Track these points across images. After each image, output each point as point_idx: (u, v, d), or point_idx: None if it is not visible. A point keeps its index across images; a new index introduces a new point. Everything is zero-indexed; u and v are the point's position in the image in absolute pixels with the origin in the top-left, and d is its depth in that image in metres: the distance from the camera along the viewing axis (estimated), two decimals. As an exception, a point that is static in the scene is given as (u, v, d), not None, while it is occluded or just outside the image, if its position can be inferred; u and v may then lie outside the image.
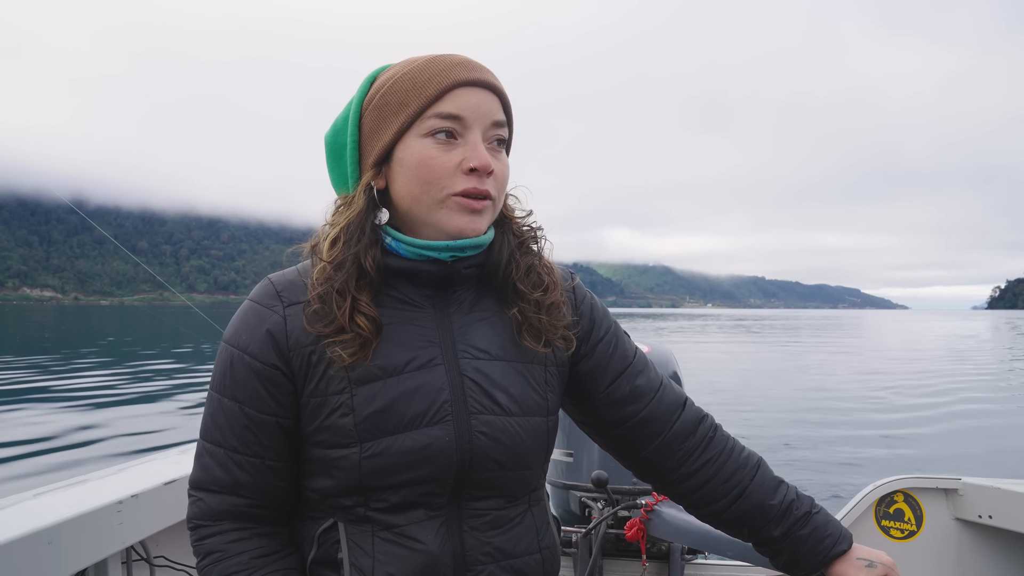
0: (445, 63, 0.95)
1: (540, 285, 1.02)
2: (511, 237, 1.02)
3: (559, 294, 1.04)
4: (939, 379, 19.18)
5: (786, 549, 1.07)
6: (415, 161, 0.93)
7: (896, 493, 2.18)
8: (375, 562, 0.93)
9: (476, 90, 0.94)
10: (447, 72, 0.94)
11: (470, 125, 0.93)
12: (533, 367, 1.01)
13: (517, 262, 1.01)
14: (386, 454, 0.91)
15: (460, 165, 0.93)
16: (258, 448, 0.95)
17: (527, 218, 1.06)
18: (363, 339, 0.92)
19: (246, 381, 0.95)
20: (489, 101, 0.95)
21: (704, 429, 1.10)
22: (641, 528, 2.05)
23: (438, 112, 0.92)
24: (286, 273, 1.01)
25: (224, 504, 0.96)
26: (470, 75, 0.94)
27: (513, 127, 1.01)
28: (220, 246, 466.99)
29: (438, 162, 0.92)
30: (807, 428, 11.39)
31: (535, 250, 1.05)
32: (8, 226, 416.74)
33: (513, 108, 1.01)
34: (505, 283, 1.01)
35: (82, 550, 1.38)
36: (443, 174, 0.93)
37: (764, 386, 17.33)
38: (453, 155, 0.93)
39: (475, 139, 0.94)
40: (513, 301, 1.01)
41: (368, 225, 0.95)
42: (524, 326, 1.00)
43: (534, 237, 1.05)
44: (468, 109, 0.93)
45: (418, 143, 0.93)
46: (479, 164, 0.92)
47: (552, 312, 1.02)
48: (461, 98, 0.93)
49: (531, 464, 1.00)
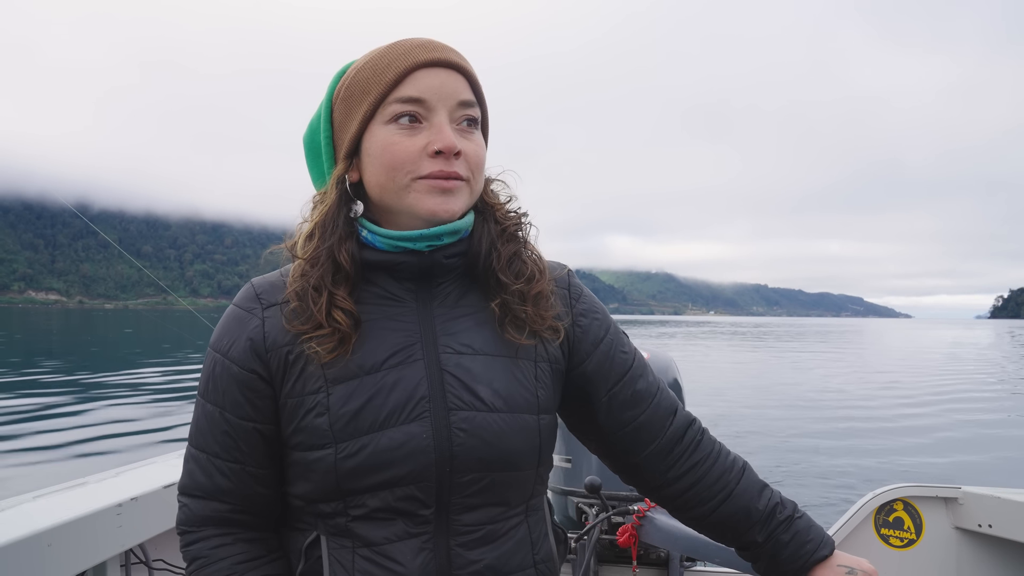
0: (404, 47, 0.92)
1: (523, 274, 0.98)
2: (492, 225, 0.99)
3: (546, 283, 1.00)
4: (939, 388, 19.16)
5: (767, 553, 1.05)
6: (379, 148, 0.91)
7: (896, 501, 2.17)
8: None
9: (437, 71, 0.91)
10: (405, 55, 0.91)
11: (434, 107, 0.91)
12: (522, 362, 0.98)
13: (499, 251, 0.97)
14: (361, 454, 0.89)
15: (425, 148, 0.90)
16: (238, 454, 0.94)
17: (511, 203, 1.02)
18: (341, 334, 0.90)
19: (227, 387, 0.94)
20: (453, 81, 0.92)
21: (692, 434, 1.08)
22: (633, 534, 2.05)
23: (399, 96, 0.90)
24: (269, 276, 1.00)
25: (207, 510, 0.95)
26: (430, 55, 0.91)
27: (486, 106, 0.98)
28: (224, 251, 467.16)
29: (402, 147, 0.90)
30: (806, 435, 11.37)
31: (519, 237, 1.01)
32: (14, 229, 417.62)
33: (483, 86, 0.97)
34: (487, 273, 0.97)
35: (81, 553, 1.38)
36: (407, 159, 0.90)
37: (765, 393, 17.28)
38: (417, 139, 0.90)
39: (440, 121, 0.91)
40: (496, 292, 0.97)
41: (341, 219, 0.93)
42: (507, 318, 0.97)
43: (518, 224, 1.01)
44: (430, 91, 0.90)
45: (382, 131, 0.91)
46: (443, 146, 0.89)
47: (538, 302, 0.98)
48: (422, 80, 0.91)
49: (520, 464, 0.95)
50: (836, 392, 18.11)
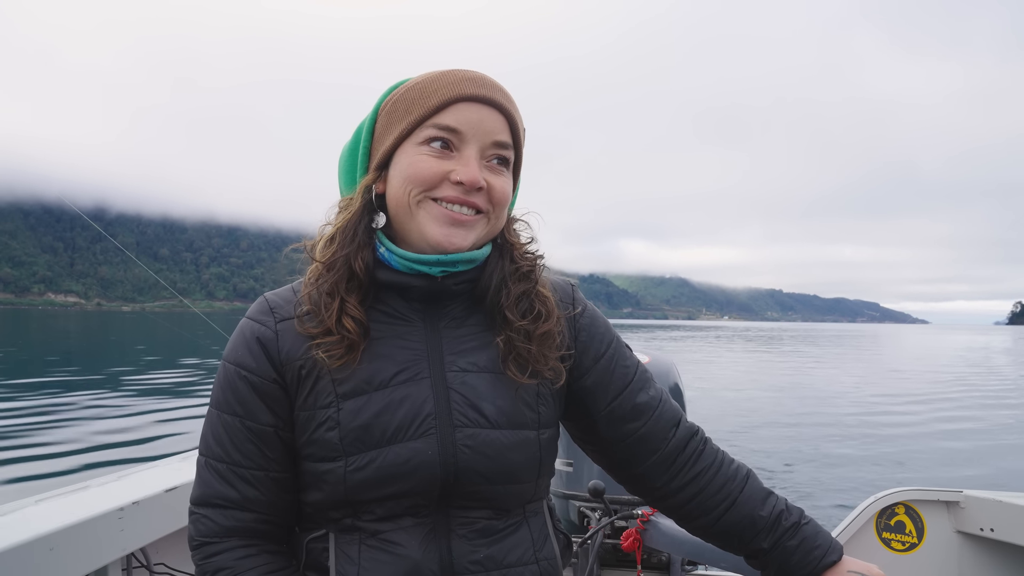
0: (455, 77, 0.94)
1: (531, 313, 1.00)
2: (507, 263, 1.00)
3: (553, 323, 1.01)
4: (945, 392, 19.01)
5: (775, 561, 1.05)
6: (406, 163, 0.94)
7: (897, 505, 2.16)
8: (360, 569, 0.93)
9: (479, 106, 0.93)
10: (453, 85, 0.93)
11: (467, 140, 0.93)
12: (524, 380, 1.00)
13: (508, 288, 0.99)
14: (369, 468, 0.91)
15: (448, 175, 0.92)
16: (262, 460, 0.96)
17: (530, 245, 1.04)
18: (349, 342, 0.92)
19: (245, 396, 0.95)
20: (493, 119, 0.94)
21: (695, 444, 1.09)
22: (637, 538, 2.05)
23: (436, 123, 0.93)
24: (281, 291, 1.02)
25: (231, 520, 0.96)
26: (475, 91, 0.93)
27: (522, 150, 1.00)
28: (240, 254, 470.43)
29: (426, 165, 0.92)
30: (808, 440, 11.27)
31: (532, 277, 1.02)
32: (34, 232, 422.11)
33: (525, 131, 1.00)
34: (494, 308, 0.99)
35: (83, 557, 1.38)
36: (428, 177, 0.92)
37: (769, 397, 17.19)
38: (444, 164, 0.93)
39: (469, 154, 0.93)
40: (501, 328, 0.99)
41: (362, 227, 0.95)
42: (511, 355, 0.98)
43: (533, 266, 1.03)
44: (467, 124, 0.93)
45: (413, 150, 0.94)
46: (467, 179, 0.91)
47: (543, 342, 1.00)
48: (462, 112, 0.93)
49: (522, 478, 0.98)
50: (839, 396, 17.96)
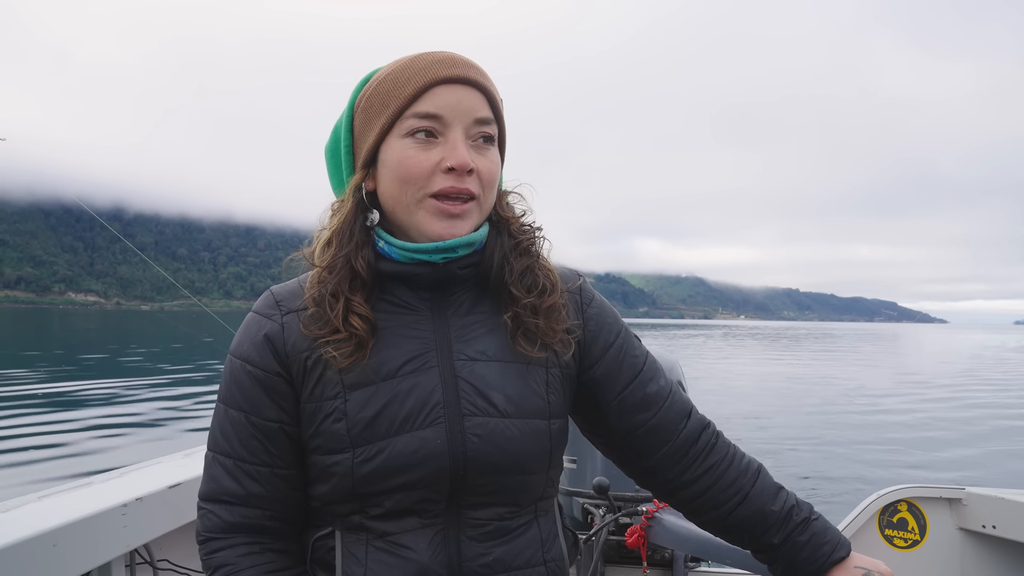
0: (425, 61, 0.93)
1: (536, 288, 0.99)
2: (506, 239, 1.00)
3: (558, 296, 1.01)
4: (951, 389, 18.99)
5: (784, 556, 1.05)
6: (394, 162, 0.93)
7: (899, 502, 2.16)
8: (367, 570, 0.92)
9: (456, 87, 0.93)
10: (425, 70, 0.92)
11: (450, 123, 0.92)
12: (534, 368, 0.99)
13: (511, 264, 0.98)
14: (378, 458, 0.90)
15: (439, 165, 0.92)
16: (266, 457, 0.95)
17: (525, 217, 1.03)
18: (358, 339, 0.92)
19: (250, 391, 0.95)
20: (471, 98, 0.93)
21: (707, 436, 1.08)
22: (642, 535, 2.05)
23: (416, 112, 0.92)
24: (288, 284, 1.02)
25: (237, 516, 0.96)
26: (449, 72, 0.92)
27: (503, 122, 0.99)
28: (257, 253, 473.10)
29: (415, 162, 0.92)
30: (812, 438, 11.26)
31: (533, 251, 1.02)
32: (55, 232, 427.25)
33: (503, 101, 0.98)
34: (499, 286, 0.99)
35: (86, 553, 1.39)
36: (420, 174, 0.92)
37: (774, 394, 17.21)
38: (432, 154, 0.92)
39: (455, 137, 0.92)
40: (508, 305, 0.98)
41: (358, 227, 0.95)
42: (519, 330, 0.98)
43: (532, 238, 1.02)
44: (447, 107, 0.92)
45: (398, 144, 0.93)
46: (457, 163, 0.91)
47: (550, 315, 0.99)
48: (440, 96, 0.92)
49: (533, 468, 0.97)
50: (847, 394, 17.93)
